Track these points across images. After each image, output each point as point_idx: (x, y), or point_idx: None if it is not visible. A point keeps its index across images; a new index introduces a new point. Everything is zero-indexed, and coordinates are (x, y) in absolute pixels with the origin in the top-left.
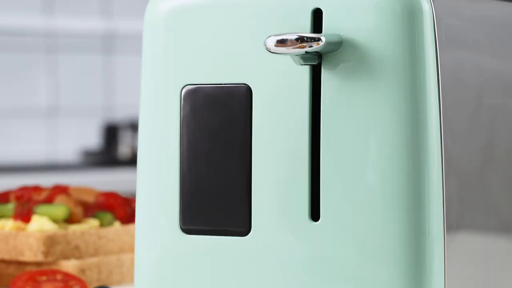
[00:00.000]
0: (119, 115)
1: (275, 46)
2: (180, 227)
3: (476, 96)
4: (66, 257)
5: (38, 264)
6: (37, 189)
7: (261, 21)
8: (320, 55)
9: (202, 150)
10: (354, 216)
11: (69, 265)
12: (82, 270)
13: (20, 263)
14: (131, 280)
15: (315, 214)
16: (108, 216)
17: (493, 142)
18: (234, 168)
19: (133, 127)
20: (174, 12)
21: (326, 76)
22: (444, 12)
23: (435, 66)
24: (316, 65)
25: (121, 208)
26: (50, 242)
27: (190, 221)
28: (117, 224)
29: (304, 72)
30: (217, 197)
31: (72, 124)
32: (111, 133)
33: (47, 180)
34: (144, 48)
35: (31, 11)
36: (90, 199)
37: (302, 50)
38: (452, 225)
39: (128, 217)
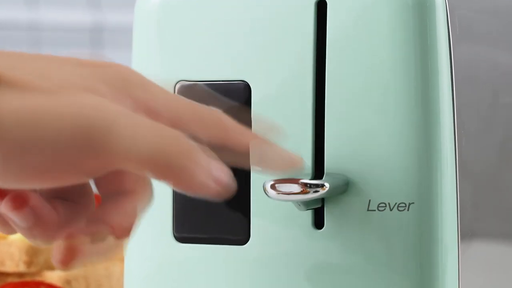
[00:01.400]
0: None
1: (276, 195)
2: (173, 235)
3: (492, 94)
4: (50, 267)
5: (20, 275)
6: None
7: (261, 14)
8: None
9: None
10: (361, 223)
11: (54, 276)
12: (68, 282)
13: (1, 274)
14: None
15: (318, 222)
16: None
17: (510, 143)
18: (232, 170)
19: None
20: (168, 3)
21: (330, 71)
22: (458, 3)
23: (448, 61)
24: (319, 58)
25: None
26: (33, 251)
27: (184, 229)
28: None
29: (306, 69)
30: (213, 202)
31: None
32: None
33: None
34: (135, 42)
35: (13, 3)
36: None
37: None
38: (467, 232)
39: None
